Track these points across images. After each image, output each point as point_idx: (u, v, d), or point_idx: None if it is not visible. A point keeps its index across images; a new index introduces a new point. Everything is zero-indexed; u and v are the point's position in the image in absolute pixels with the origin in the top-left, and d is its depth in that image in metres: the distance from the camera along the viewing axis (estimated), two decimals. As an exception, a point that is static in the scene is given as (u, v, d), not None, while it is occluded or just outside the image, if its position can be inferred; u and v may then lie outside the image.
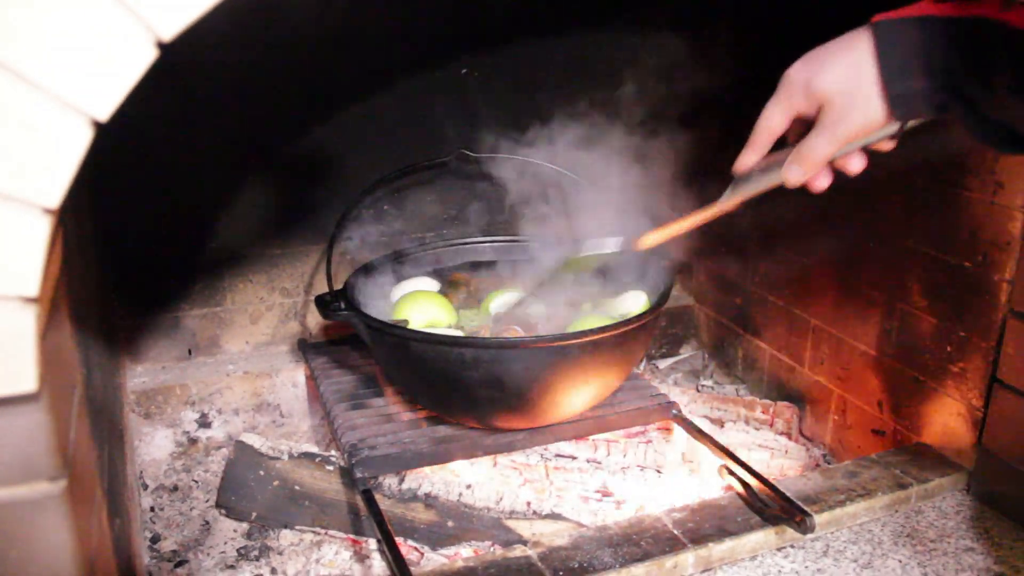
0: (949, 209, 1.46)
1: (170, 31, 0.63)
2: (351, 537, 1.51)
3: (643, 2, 1.95)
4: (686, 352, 2.26)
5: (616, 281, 1.60)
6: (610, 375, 1.42)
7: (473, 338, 1.32)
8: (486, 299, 1.66)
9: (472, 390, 1.34)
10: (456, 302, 1.64)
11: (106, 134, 0.65)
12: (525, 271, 1.69)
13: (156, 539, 1.53)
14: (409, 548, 1.47)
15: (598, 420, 1.53)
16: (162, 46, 0.64)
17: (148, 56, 0.64)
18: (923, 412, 1.57)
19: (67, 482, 0.69)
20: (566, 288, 1.55)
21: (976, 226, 1.42)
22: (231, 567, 1.46)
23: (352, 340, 1.78)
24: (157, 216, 1.74)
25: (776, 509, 1.35)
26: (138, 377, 1.82)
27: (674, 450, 1.69)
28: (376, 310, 1.52)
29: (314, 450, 1.58)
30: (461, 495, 1.51)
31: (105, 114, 0.63)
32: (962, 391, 1.48)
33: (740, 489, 1.42)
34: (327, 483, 1.53)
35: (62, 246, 0.81)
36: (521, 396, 1.35)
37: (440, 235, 1.97)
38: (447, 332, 1.45)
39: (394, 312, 1.55)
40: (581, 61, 1.95)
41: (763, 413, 1.87)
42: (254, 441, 1.56)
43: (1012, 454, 1.40)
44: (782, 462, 1.71)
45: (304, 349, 1.83)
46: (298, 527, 1.52)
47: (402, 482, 1.52)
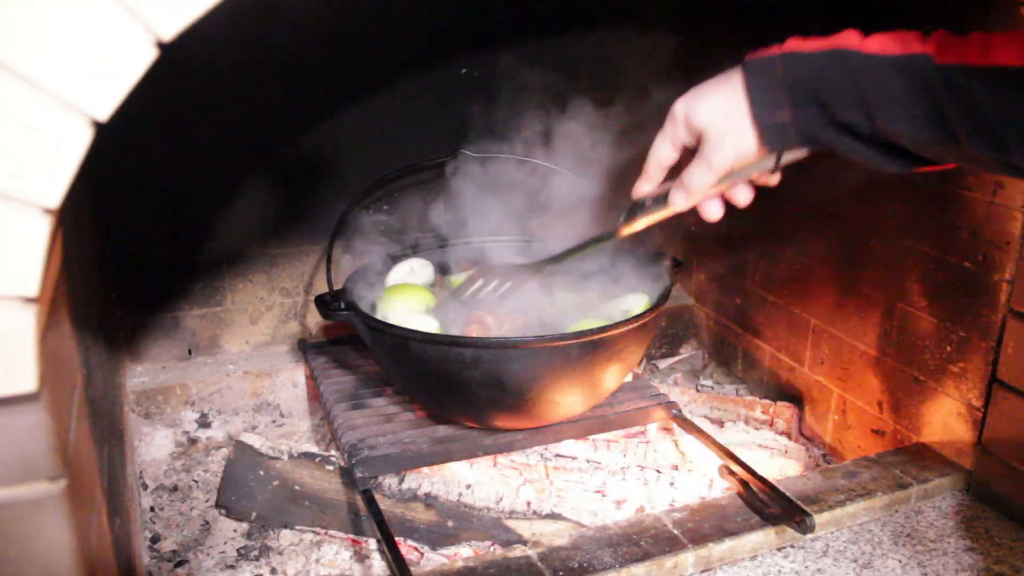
0: (949, 209, 1.46)
1: (170, 31, 0.64)
2: (351, 537, 1.51)
3: (643, 2, 1.95)
4: (686, 352, 2.26)
5: (616, 281, 1.60)
6: (610, 375, 1.42)
7: (473, 338, 1.32)
8: (456, 278, 1.66)
9: (472, 390, 1.34)
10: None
11: (106, 134, 0.65)
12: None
13: (156, 539, 1.53)
14: (409, 548, 1.47)
15: (598, 420, 1.53)
16: (162, 46, 0.64)
17: (148, 56, 0.64)
18: (923, 412, 1.57)
19: (67, 482, 0.69)
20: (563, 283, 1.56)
21: (976, 226, 1.42)
22: (231, 567, 1.46)
23: (352, 340, 1.78)
24: (157, 216, 1.74)
25: (776, 509, 1.35)
26: (138, 377, 1.82)
27: (674, 450, 1.70)
28: (375, 309, 1.52)
29: (314, 450, 1.58)
30: (461, 495, 1.51)
31: (105, 114, 0.63)
32: (962, 391, 1.48)
33: (740, 489, 1.42)
34: (327, 483, 1.53)
35: (62, 246, 0.81)
36: (521, 396, 1.35)
37: (440, 235, 1.97)
38: (436, 327, 1.45)
39: (379, 303, 1.55)
40: (581, 61, 1.95)
41: (763, 413, 1.87)
42: (254, 441, 1.56)
43: (1012, 454, 1.40)
44: (782, 462, 1.71)
45: (304, 349, 1.83)
46: (298, 527, 1.52)
47: (402, 482, 1.52)
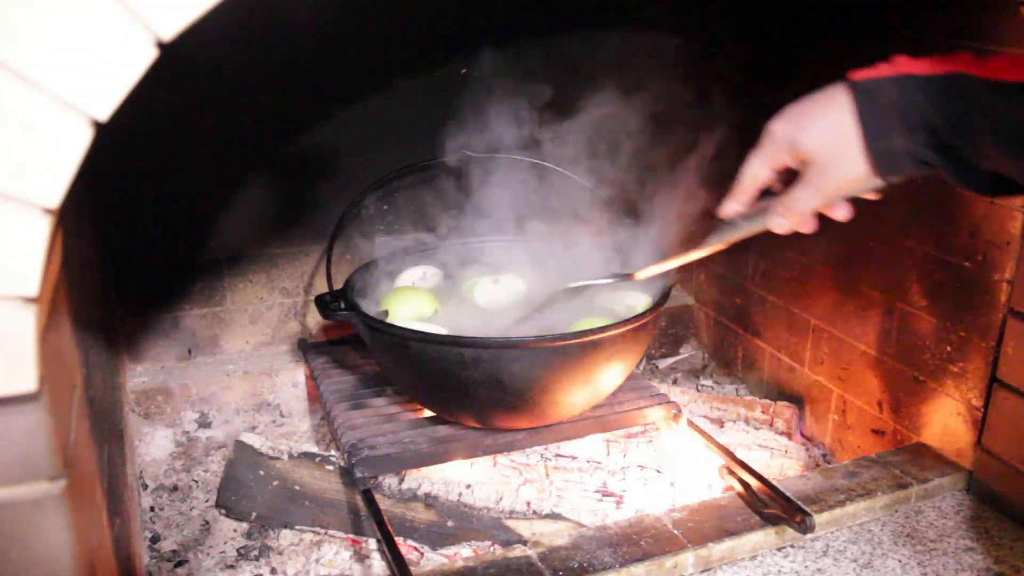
0: (949, 209, 1.46)
1: (170, 31, 0.64)
2: (351, 537, 1.51)
3: (644, 2, 1.95)
4: (686, 352, 2.26)
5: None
6: (610, 375, 1.42)
7: (473, 338, 1.32)
8: (468, 285, 1.66)
9: (472, 390, 1.34)
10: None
11: (106, 134, 0.65)
12: (518, 263, 1.69)
13: (156, 539, 1.53)
14: (409, 548, 1.47)
15: (598, 420, 1.53)
16: (162, 46, 0.64)
17: (148, 56, 0.64)
18: (923, 412, 1.57)
19: (67, 482, 0.69)
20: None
21: (976, 226, 1.42)
22: (231, 567, 1.46)
23: (352, 340, 1.78)
24: (157, 216, 1.74)
25: (776, 509, 1.35)
26: (138, 377, 1.82)
27: (674, 450, 1.69)
28: (375, 309, 1.52)
29: (314, 450, 1.58)
30: (461, 495, 1.51)
31: (105, 114, 0.63)
32: (962, 391, 1.48)
33: (740, 489, 1.42)
34: (327, 483, 1.53)
35: (62, 246, 0.81)
36: (521, 396, 1.35)
37: (440, 235, 1.97)
38: (439, 329, 1.45)
39: (380, 307, 1.55)
40: (581, 61, 1.95)
41: (763, 413, 1.87)
42: (254, 441, 1.56)
43: (1012, 454, 1.40)
44: (782, 462, 1.71)
45: (304, 349, 1.83)
46: (298, 527, 1.52)
47: (402, 482, 1.52)
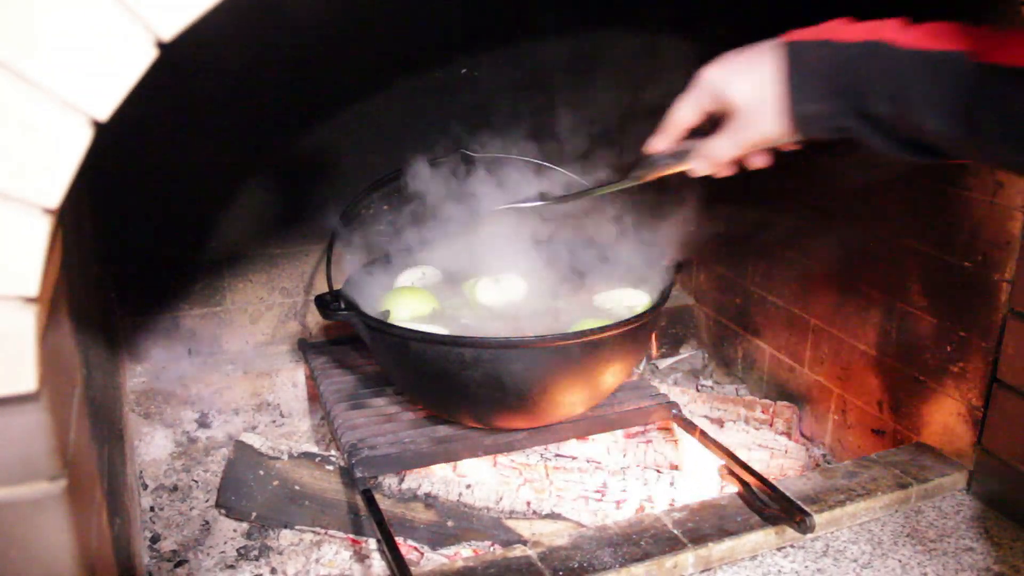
0: (949, 209, 1.46)
1: (170, 31, 0.64)
2: (351, 537, 1.51)
3: (643, 2, 1.95)
4: (686, 352, 2.26)
5: (616, 280, 1.60)
6: (610, 375, 1.42)
7: (473, 338, 1.32)
8: (469, 283, 1.66)
9: (472, 390, 1.33)
10: None
11: (106, 134, 0.65)
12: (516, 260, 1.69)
13: (156, 539, 1.53)
14: (409, 548, 1.47)
15: (598, 420, 1.53)
16: (162, 46, 0.64)
17: (148, 56, 0.64)
18: (923, 412, 1.57)
19: (67, 482, 0.69)
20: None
21: (976, 226, 1.42)
22: (231, 567, 1.46)
23: (352, 340, 1.78)
24: (157, 216, 1.74)
25: (776, 509, 1.35)
26: (138, 377, 1.82)
27: (674, 450, 1.69)
28: (375, 309, 1.52)
29: (314, 450, 1.58)
30: (461, 495, 1.51)
31: (105, 114, 0.63)
32: (962, 391, 1.48)
33: (740, 489, 1.42)
34: (327, 483, 1.53)
35: (62, 246, 0.81)
36: (521, 396, 1.35)
37: (440, 235, 1.97)
38: (440, 329, 1.45)
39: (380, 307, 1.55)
40: (581, 61, 1.94)
41: (763, 413, 1.87)
42: (254, 441, 1.56)
43: (1012, 454, 1.40)
44: (782, 462, 1.71)
45: (304, 349, 1.83)
46: (298, 527, 1.52)
47: (402, 482, 1.52)
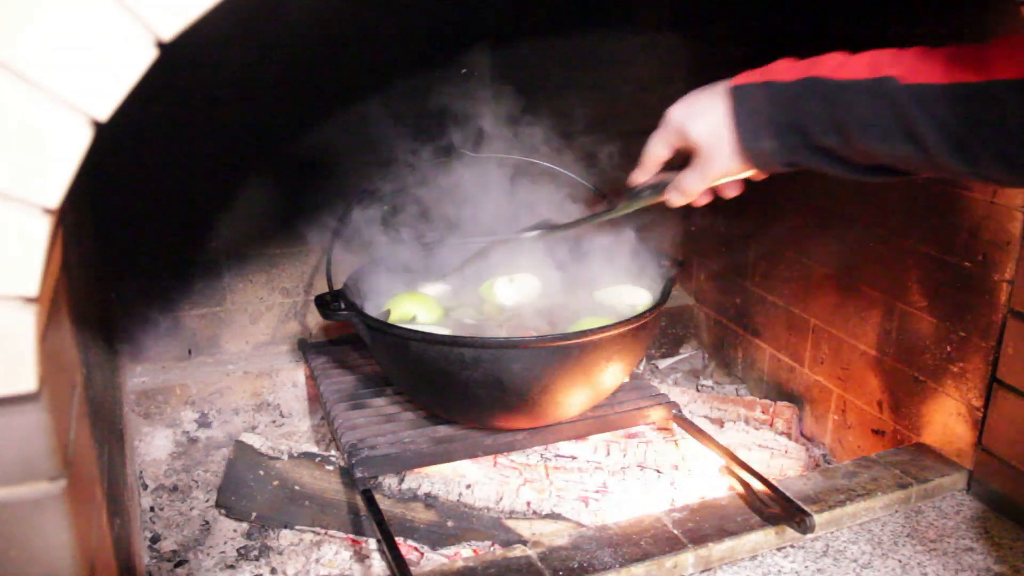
0: (949, 209, 1.46)
1: (170, 31, 0.64)
2: (351, 537, 1.51)
3: (643, 2, 1.95)
4: (686, 352, 2.26)
5: (617, 280, 1.60)
6: (610, 375, 1.42)
7: (473, 338, 1.32)
8: (486, 286, 1.65)
9: (472, 390, 1.34)
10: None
11: (106, 134, 0.65)
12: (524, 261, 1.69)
13: (156, 539, 1.53)
14: (409, 548, 1.47)
15: (598, 420, 1.53)
16: (162, 46, 0.64)
17: (148, 56, 0.64)
18: (923, 412, 1.57)
19: (67, 482, 0.69)
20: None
21: (976, 226, 1.42)
22: (231, 567, 1.46)
23: (352, 340, 1.78)
24: (157, 216, 1.74)
25: (776, 509, 1.35)
26: (138, 377, 1.82)
27: (674, 450, 1.69)
28: (376, 310, 1.52)
29: (314, 450, 1.58)
30: (461, 495, 1.51)
31: (105, 114, 0.63)
32: (962, 391, 1.48)
33: (740, 489, 1.42)
34: (327, 483, 1.53)
35: (62, 246, 0.81)
36: (521, 396, 1.35)
37: (439, 234, 1.97)
38: (440, 329, 1.45)
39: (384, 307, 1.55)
40: (580, 61, 1.95)
41: (763, 413, 1.87)
42: (254, 441, 1.56)
43: (1012, 454, 1.40)
44: (782, 462, 1.71)
45: (304, 349, 1.83)
46: (298, 527, 1.52)
47: (402, 482, 1.52)
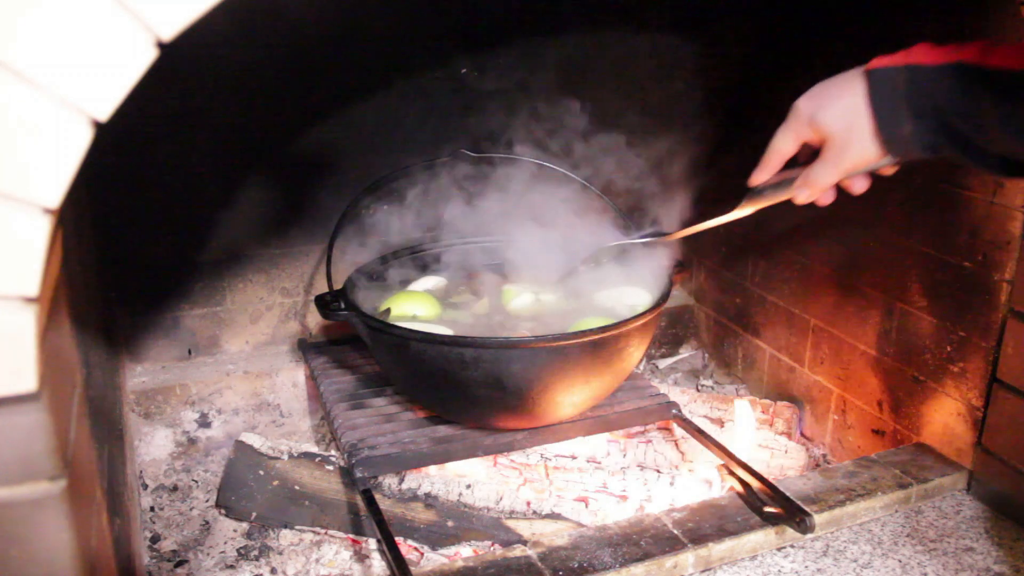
0: (949, 209, 1.46)
1: (170, 31, 0.64)
2: (351, 537, 1.51)
3: (643, 2, 1.95)
4: (686, 352, 2.26)
5: (617, 279, 1.60)
6: (610, 375, 1.42)
7: (473, 338, 1.32)
8: (503, 295, 1.65)
9: (472, 390, 1.34)
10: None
11: (106, 134, 0.65)
12: (532, 267, 1.68)
13: (156, 539, 1.53)
14: (409, 548, 1.47)
15: (598, 420, 1.53)
16: (162, 46, 0.64)
17: (148, 56, 0.64)
18: (923, 412, 1.57)
19: (67, 482, 0.69)
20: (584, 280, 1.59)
21: (976, 226, 1.42)
22: (231, 567, 1.46)
23: (352, 340, 1.78)
24: (157, 216, 1.74)
25: (776, 509, 1.35)
26: (138, 377, 1.82)
27: (674, 450, 1.70)
28: (375, 310, 1.52)
29: (314, 450, 1.58)
30: (461, 495, 1.51)
31: (105, 114, 0.63)
32: (962, 391, 1.48)
33: (740, 489, 1.42)
34: (327, 483, 1.53)
35: (62, 246, 0.81)
36: (521, 396, 1.35)
37: (439, 235, 1.97)
38: (440, 329, 1.44)
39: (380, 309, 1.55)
40: (580, 61, 1.95)
41: (763, 413, 1.87)
42: (254, 441, 1.56)
43: (1012, 454, 1.40)
44: (782, 462, 1.71)
45: (304, 349, 1.83)
46: (298, 527, 1.52)
47: (402, 482, 1.52)
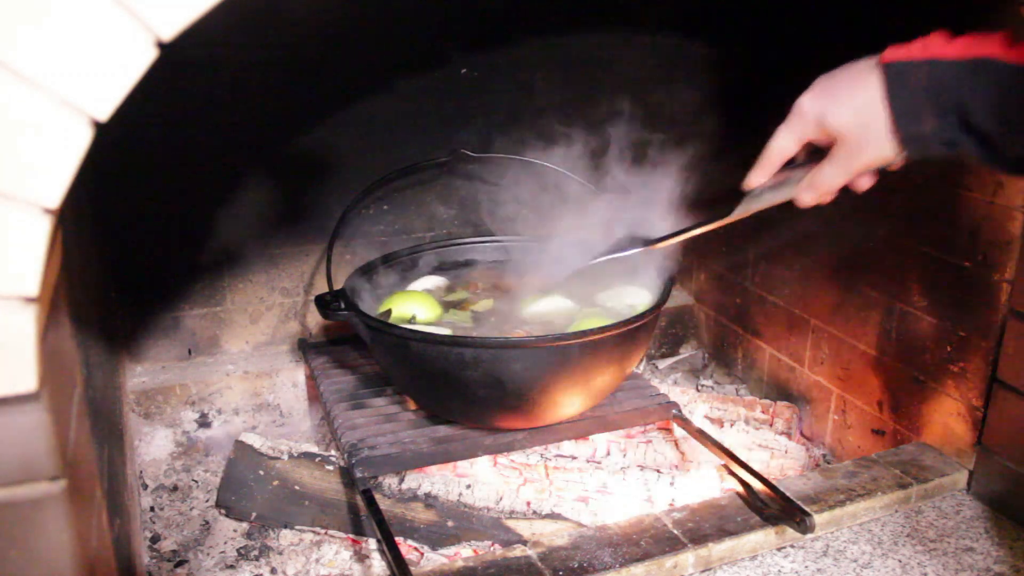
0: (949, 209, 1.46)
1: (170, 31, 0.64)
2: (351, 537, 1.51)
3: (643, 2, 1.95)
4: (686, 352, 2.26)
5: (618, 280, 1.60)
6: (610, 375, 1.42)
7: (473, 338, 1.32)
8: (523, 302, 1.62)
9: (472, 390, 1.34)
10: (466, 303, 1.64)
11: (106, 134, 0.65)
12: (530, 270, 1.68)
13: (156, 539, 1.53)
14: (409, 548, 1.47)
15: (598, 420, 1.53)
16: (162, 46, 0.64)
17: (148, 56, 0.64)
18: (923, 412, 1.57)
19: (67, 482, 0.69)
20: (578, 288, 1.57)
21: (976, 226, 1.42)
22: (231, 567, 1.46)
23: (352, 340, 1.78)
24: (157, 216, 1.74)
25: (776, 509, 1.35)
26: (138, 377, 1.82)
27: (674, 450, 1.70)
28: (375, 310, 1.52)
29: (314, 450, 1.58)
30: (461, 495, 1.51)
31: (105, 114, 0.63)
32: (962, 391, 1.48)
33: (740, 489, 1.42)
34: (327, 483, 1.53)
35: (62, 246, 0.81)
36: (521, 396, 1.35)
37: (439, 235, 1.97)
38: (440, 329, 1.44)
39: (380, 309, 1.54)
40: (580, 61, 1.95)
41: (763, 413, 1.87)
42: (254, 441, 1.56)
43: (1012, 454, 1.40)
44: (782, 462, 1.71)
45: (304, 349, 1.83)
46: (298, 527, 1.52)
47: (402, 482, 1.52)
